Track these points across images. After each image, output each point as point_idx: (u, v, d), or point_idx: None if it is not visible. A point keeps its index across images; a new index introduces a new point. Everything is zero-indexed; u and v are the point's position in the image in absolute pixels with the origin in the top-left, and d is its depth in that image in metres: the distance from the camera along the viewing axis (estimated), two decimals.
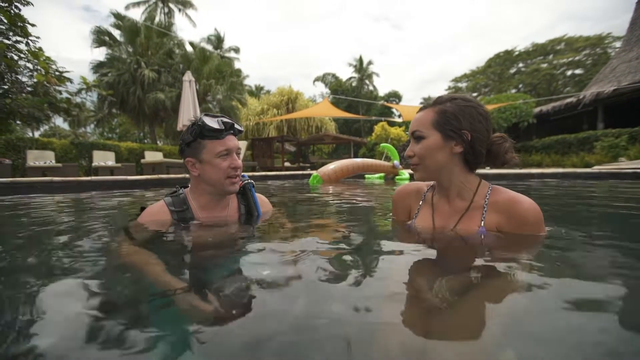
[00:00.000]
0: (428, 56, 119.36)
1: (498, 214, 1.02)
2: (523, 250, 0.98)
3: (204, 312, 0.62)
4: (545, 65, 28.96)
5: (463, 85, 34.72)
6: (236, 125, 1.35)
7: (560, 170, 6.68)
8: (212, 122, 1.27)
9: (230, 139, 1.31)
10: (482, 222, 1.03)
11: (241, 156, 1.45)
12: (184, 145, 1.33)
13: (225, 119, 1.31)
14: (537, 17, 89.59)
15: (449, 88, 36.08)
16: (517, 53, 31.21)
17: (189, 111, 8.05)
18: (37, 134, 18.86)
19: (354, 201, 2.62)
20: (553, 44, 29.05)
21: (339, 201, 2.70)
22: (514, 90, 28.13)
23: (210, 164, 1.28)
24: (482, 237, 1.03)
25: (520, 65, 31.65)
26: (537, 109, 14.85)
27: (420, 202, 1.23)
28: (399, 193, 1.34)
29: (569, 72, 28.52)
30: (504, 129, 13.38)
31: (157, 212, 1.35)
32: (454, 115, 1.01)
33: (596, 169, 6.79)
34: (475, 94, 31.99)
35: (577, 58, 27.34)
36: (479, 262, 0.91)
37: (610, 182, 4.37)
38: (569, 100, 13.78)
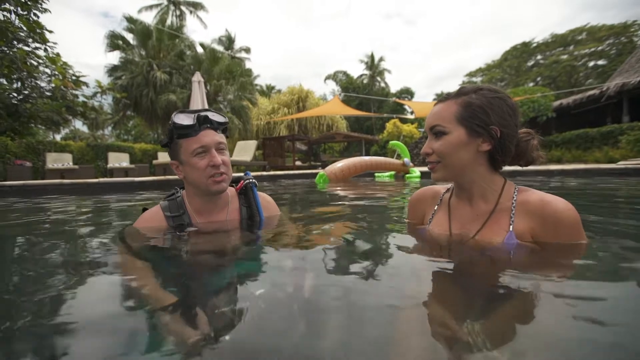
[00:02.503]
0: (441, 52, 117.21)
1: (529, 217, 0.89)
2: (563, 263, 0.85)
3: (188, 338, 0.55)
4: (565, 56, 27.84)
5: (478, 79, 33.81)
6: (212, 116, 1.19)
7: (582, 166, 6.36)
8: (182, 119, 1.15)
9: (206, 134, 1.17)
10: (511, 226, 0.90)
11: (250, 154, 1.34)
12: (167, 148, 1.25)
13: (200, 113, 1.17)
14: (556, 9, 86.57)
15: (463, 83, 35.15)
16: (535, 45, 30.14)
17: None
18: (58, 137, 19.53)
19: (364, 203, 2.52)
20: (574, 34, 27.87)
21: (346, 203, 2.60)
22: (531, 84, 27.18)
23: (189, 164, 1.17)
24: (511, 247, 0.89)
25: (539, 57, 30.56)
26: (556, 103, 14.27)
27: (436, 206, 1.11)
28: (414, 197, 1.22)
29: (591, 63, 27.30)
30: (521, 124, 12.90)
31: (152, 218, 1.27)
32: (481, 108, 0.89)
33: (621, 164, 6.42)
34: None
35: (599, 48, 26.15)
36: (507, 279, 0.77)
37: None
38: (591, 92, 13.16)
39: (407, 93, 36.49)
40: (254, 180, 1.39)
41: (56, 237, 1.51)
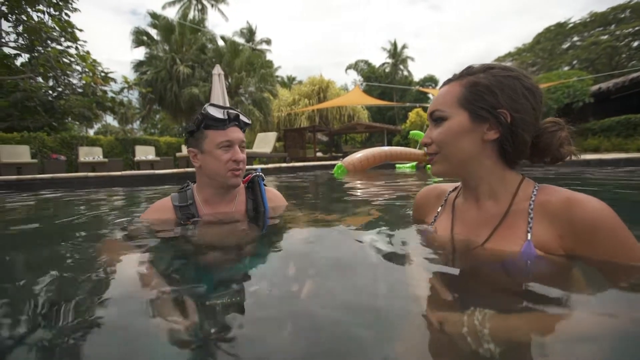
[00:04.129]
0: (469, 37, 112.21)
1: (552, 222, 0.71)
2: (598, 288, 0.65)
3: (180, 327, 0.55)
4: (605, 37, 25.71)
5: (507, 64, 32.07)
6: (242, 117, 1.29)
7: (624, 155, 5.88)
8: (216, 112, 1.22)
9: (234, 130, 1.26)
10: (529, 234, 0.72)
11: (270, 146, 1.40)
12: (188, 135, 1.30)
13: (231, 110, 1.25)
14: None
15: None
16: (571, 25, 28.04)
17: (218, 104, 8.17)
18: (91, 132, 20.57)
19: (375, 196, 2.42)
20: (616, 12, 25.62)
21: (358, 197, 2.52)
22: (567, 68, 25.39)
23: (211, 155, 1.23)
24: (528, 260, 0.71)
25: (575, 39, 28.41)
26: (594, 87, 13.24)
27: (440, 207, 0.96)
28: (418, 197, 1.10)
29: (635, 43, 25.06)
30: (554, 111, 12.10)
31: (160, 208, 1.35)
32: (488, 88, 0.75)
33: None
34: None
35: None
36: (518, 303, 0.60)
37: None
38: (634, 75, 12.11)
39: (431, 81, 35.31)
40: (261, 174, 1.43)
41: (65, 228, 1.55)
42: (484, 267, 0.76)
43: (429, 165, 5.96)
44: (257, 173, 1.42)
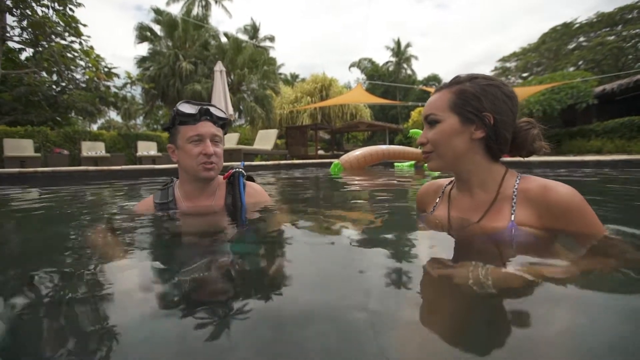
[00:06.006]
0: (474, 37, 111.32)
1: (531, 206, 0.87)
2: (567, 253, 0.82)
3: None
4: (612, 37, 25.43)
5: (512, 65, 31.77)
6: (213, 110, 1.30)
7: (624, 157, 5.85)
8: (186, 108, 1.26)
9: (204, 125, 1.28)
10: (513, 215, 0.88)
11: (271, 143, 1.43)
12: (167, 132, 1.34)
13: (204, 106, 1.28)
14: None
15: (496, 69, 33.22)
16: (577, 25, 27.73)
17: (220, 101, 8.22)
18: (95, 127, 20.69)
19: (369, 191, 2.45)
20: (623, 12, 25.32)
21: (349, 191, 2.54)
22: (572, 68, 25.13)
23: (183, 149, 1.27)
24: (513, 232, 0.86)
25: (581, 39, 28.08)
26: (599, 88, 13.10)
27: (438, 198, 1.13)
28: (419, 192, 1.25)
29: None
30: (557, 111, 12.00)
31: (143, 204, 1.42)
32: (474, 95, 0.90)
33: None
34: (525, 74, 29.12)
35: None
36: (509, 262, 0.77)
37: None
38: (639, 77, 11.98)
39: (434, 80, 35.15)
40: (241, 170, 1.44)
41: (54, 218, 1.60)
42: (476, 240, 0.92)
43: (425, 165, 6.00)
44: (238, 169, 1.44)
